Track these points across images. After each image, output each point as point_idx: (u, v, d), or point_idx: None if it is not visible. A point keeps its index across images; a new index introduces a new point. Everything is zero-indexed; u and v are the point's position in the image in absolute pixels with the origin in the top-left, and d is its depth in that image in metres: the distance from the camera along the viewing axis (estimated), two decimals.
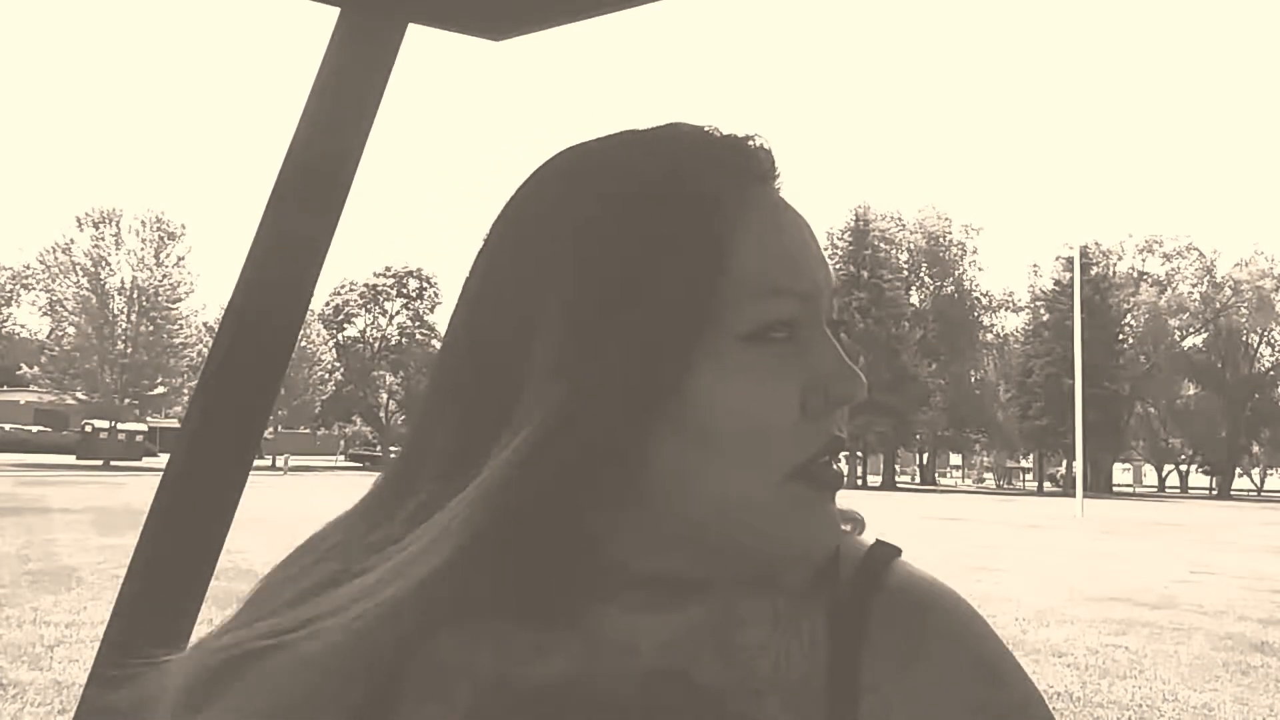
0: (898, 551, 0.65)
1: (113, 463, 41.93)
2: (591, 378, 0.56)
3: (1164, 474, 72.16)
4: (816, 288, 0.60)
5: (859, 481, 57.05)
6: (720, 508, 0.58)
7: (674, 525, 0.59)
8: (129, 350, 43.68)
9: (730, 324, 0.56)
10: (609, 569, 0.61)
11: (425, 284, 65.83)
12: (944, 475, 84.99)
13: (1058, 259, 61.63)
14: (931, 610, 0.61)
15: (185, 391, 42.78)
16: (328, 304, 63.38)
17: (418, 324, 64.89)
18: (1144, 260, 67.40)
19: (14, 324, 67.43)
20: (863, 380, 0.59)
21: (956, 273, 67.01)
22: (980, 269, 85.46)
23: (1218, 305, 64.91)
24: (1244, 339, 65.43)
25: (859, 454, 58.09)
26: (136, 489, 23.84)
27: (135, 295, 44.14)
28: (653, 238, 0.57)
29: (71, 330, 43.63)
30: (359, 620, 0.55)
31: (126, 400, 43.93)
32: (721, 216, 0.58)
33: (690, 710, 0.57)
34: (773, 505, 0.57)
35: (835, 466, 0.59)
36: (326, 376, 52.27)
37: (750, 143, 0.62)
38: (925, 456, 69.18)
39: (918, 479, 70.06)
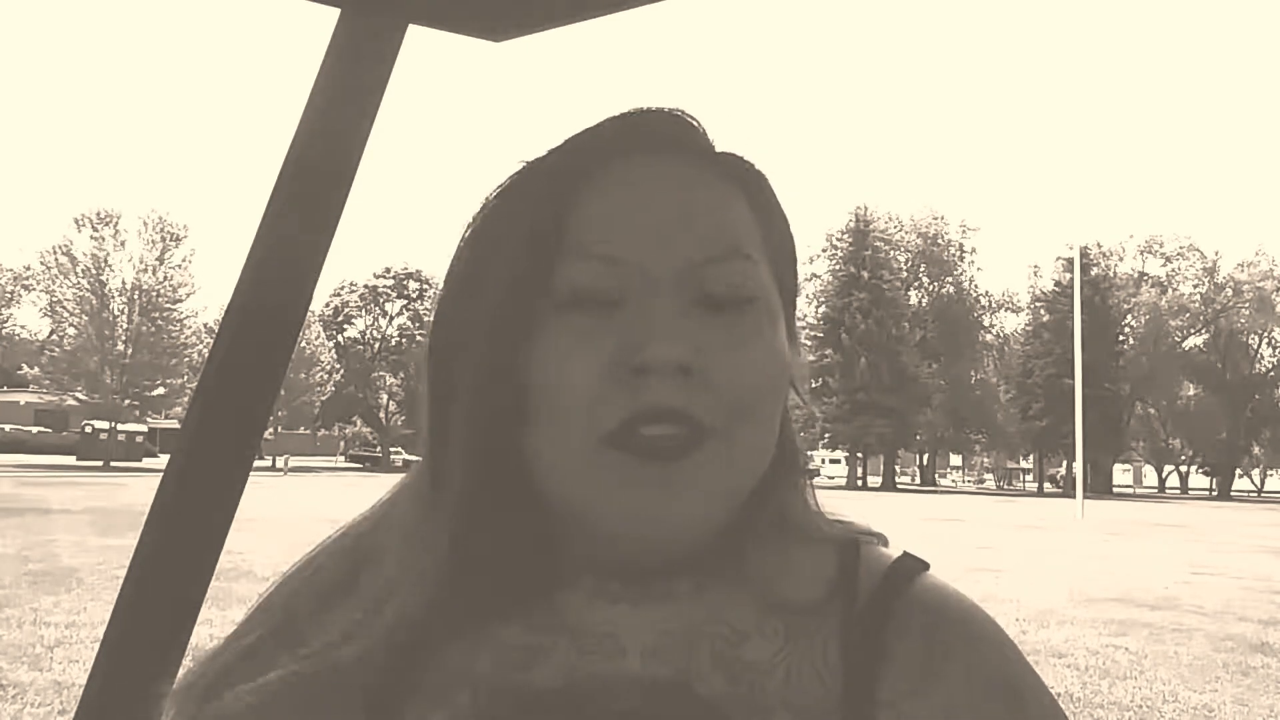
0: (925, 565, 0.63)
1: (113, 463, 41.91)
2: (462, 370, 0.59)
3: (1164, 475, 72.05)
4: (645, 254, 0.57)
5: (859, 482, 56.97)
6: (551, 481, 0.58)
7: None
8: (129, 351, 43.67)
9: (553, 295, 0.57)
10: (572, 561, 0.61)
11: (425, 285, 65.73)
12: (944, 476, 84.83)
13: (1058, 260, 61.48)
14: (953, 626, 0.59)
15: (185, 392, 42.69)
16: (327, 305, 63.33)
17: (418, 325, 64.77)
18: (1144, 261, 67.38)
19: (14, 324, 67.55)
20: (672, 345, 0.54)
21: (956, 273, 66.97)
22: (979, 269, 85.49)
23: (1218, 306, 64.83)
24: (1245, 340, 65.37)
25: (859, 455, 58.01)
26: (136, 490, 23.82)
27: (136, 296, 44.13)
28: (502, 223, 0.60)
29: (72, 331, 43.63)
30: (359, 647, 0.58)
31: (127, 401, 43.91)
32: (566, 191, 0.58)
33: None
34: (588, 474, 0.56)
35: (665, 435, 0.55)
36: (326, 377, 52.23)
37: (641, 115, 0.61)
38: (925, 457, 69.08)
39: (918, 480, 69.96)
